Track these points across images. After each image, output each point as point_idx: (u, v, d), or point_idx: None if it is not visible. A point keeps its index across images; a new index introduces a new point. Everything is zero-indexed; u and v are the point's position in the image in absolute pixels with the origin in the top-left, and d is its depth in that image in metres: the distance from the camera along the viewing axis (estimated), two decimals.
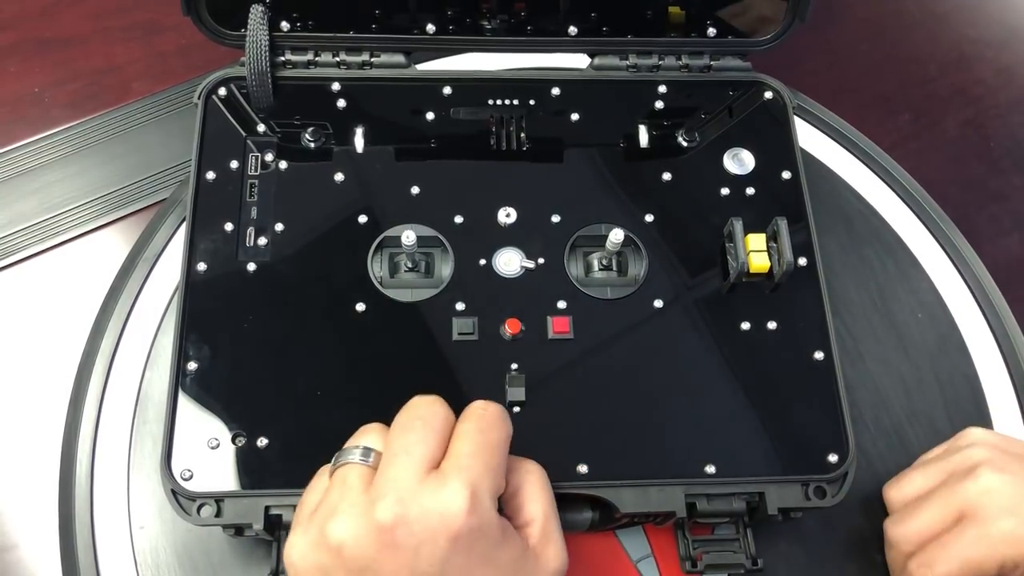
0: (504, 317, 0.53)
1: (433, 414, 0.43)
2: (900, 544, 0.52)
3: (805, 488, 0.50)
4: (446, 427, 0.43)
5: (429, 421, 0.42)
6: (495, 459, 0.42)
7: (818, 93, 0.70)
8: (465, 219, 0.55)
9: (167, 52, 0.70)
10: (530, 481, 0.45)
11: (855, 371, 0.60)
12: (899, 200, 0.67)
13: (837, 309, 0.60)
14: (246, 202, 0.55)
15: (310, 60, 0.59)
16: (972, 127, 0.73)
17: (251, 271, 0.53)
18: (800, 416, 0.52)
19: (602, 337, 0.53)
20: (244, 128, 0.57)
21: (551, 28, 0.60)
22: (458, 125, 0.59)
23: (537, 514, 0.44)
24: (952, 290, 0.64)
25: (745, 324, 0.54)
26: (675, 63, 0.61)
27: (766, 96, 0.61)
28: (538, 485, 0.45)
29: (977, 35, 0.78)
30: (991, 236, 0.68)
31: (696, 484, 0.50)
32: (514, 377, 0.51)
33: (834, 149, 0.69)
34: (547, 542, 0.43)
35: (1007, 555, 0.49)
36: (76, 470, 0.55)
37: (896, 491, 0.54)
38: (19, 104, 0.68)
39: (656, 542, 0.55)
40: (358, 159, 0.57)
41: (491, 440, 0.42)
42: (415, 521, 0.39)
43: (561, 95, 0.60)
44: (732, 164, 0.58)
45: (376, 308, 0.53)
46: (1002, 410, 0.61)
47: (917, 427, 0.59)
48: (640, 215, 0.56)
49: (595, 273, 0.55)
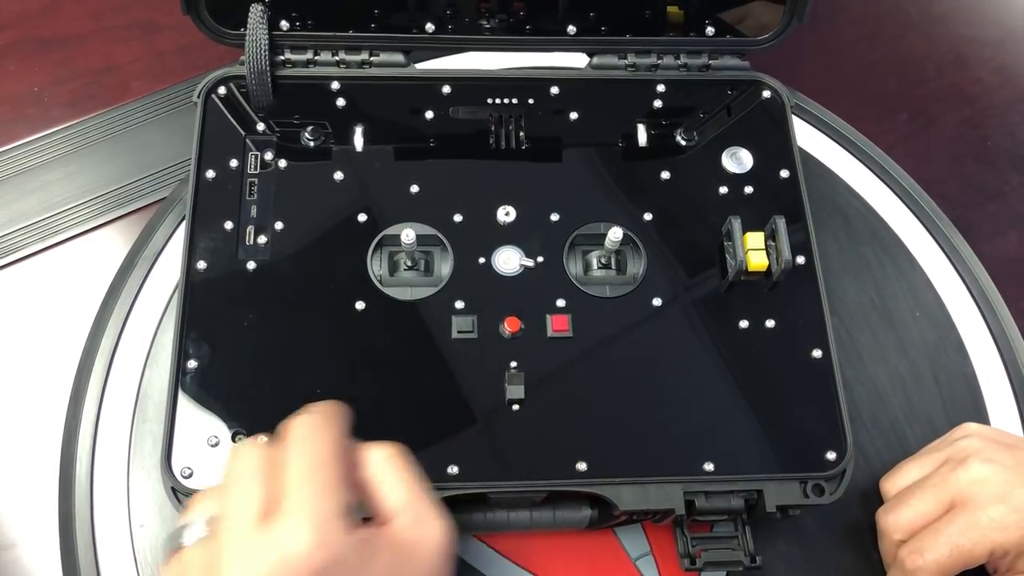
0: (503, 315, 0.53)
1: (252, 456, 0.40)
2: (892, 532, 0.52)
3: (803, 486, 0.50)
4: (273, 463, 0.39)
5: (250, 466, 0.39)
6: (329, 475, 0.39)
7: (816, 92, 0.70)
8: (464, 218, 0.55)
9: (166, 51, 0.70)
10: (383, 470, 0.42)
11: (853, 369, 0.60)
12: (897, 199, 0.67)
13: (835, 308, 0.60)
14: (246, 201, 0.55)
15: (309, 59, 0.59)
16: (970, 126, 0.73)
17: (251, 270, 0.53)
18: (798, 414, 0.52)
19: (601, 335, 0.53)
20: (244, 127, 0.57)
21: (550, 27, 0.60)
22: (457, 124, 0.59)
23: (400, 502, 0.41)
24: (950, 289, 0.64)
25: (743, 322, 0.54)
26: (674, 62, 0.61)
27: (764, 95, 0.61)
28: (392, 471, 0.42)
29: (974, 35, 0.78)
30: (989, 235, 0.68)
31: (695, 482, 0.50)
32: (513, 375, 0.51)
33: (832, 148, 0.69)
34: (420, 525, 0.41)
35: (996, 542, 0.49)
36: (76, 468, 0.55)
37: (891, 484, 0.55)
38: (19, 103, 0.68)
39: (655, 540, 0.55)
40: (357, 158, 0.57)
41: (320, 456, 0.39)
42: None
43: (560, 94, 0.60)
44: (731, 163, 0.58)
45: (375, 306, 0.53)
46: (999, 408, 0.61)
47: (915, 425, 0.59)
48: (639, 214, 0.57)
49: (594, 271, 0.55)
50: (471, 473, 0.49)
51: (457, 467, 0.49)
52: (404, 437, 0.49)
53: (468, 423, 0.50)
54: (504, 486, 0.49)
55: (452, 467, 0.49)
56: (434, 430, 0.50)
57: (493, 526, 0.52)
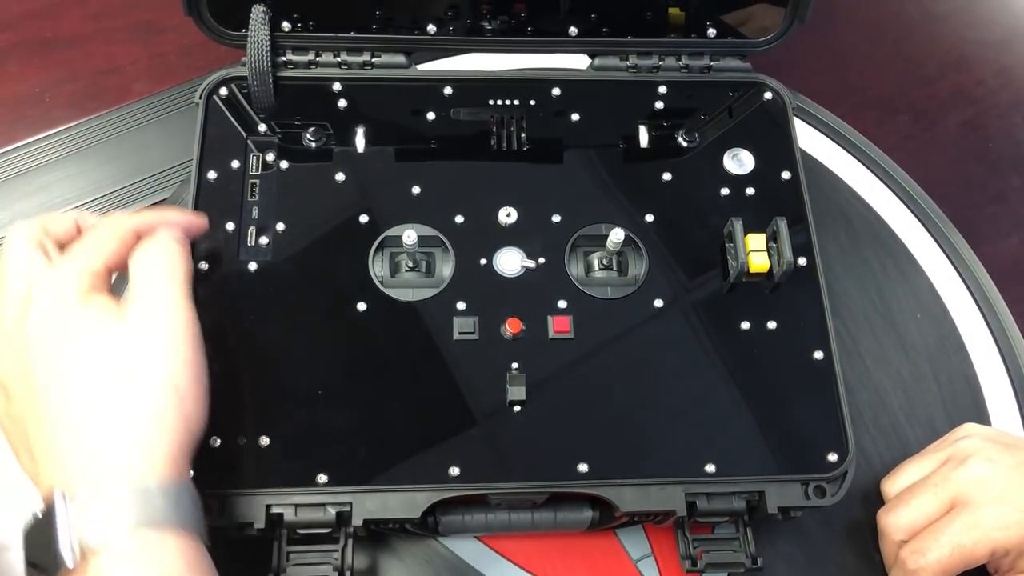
0: (505, 316, 0.53)
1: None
2: (893, 532, 0.52)
3: (805, 487, 0.50)
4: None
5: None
6: (95, 240, 0.46)
7: (818, 94, 0.70)
8: (466, 219, 0.55)
9: (168, 52, 0.70)
10: (141, 262, 0.46)
11: (854, 371, 0.60)
12: (898, 201, 0.67)
13: (836, 309, 0.60)
14: (247, 202, 0.55)
15: (311, 60, 0.59)
16: (971, 128, 0.73)
17: (252, 270, 0.53)
18: (799, 415, 0.52)
19: (602, 337, 0.53)
20: (245, 128, 0.57)
21: (551, 29, 0.60)
22: (459, 125, 0.59)
23: (140, 292, 0.45)
24: (951, 290, 0.64)
25: (745, 324, 0.54)
26: (675, 64, 0.61)
27: (766, 97, 0.61)
28: (148, 263, 0.46)
29: (976, 36, 0.78)
30: (990, 237, 0.68)
31: (696, 483, 0.50)
32: (515, 376, 0.51)
33: (834, 150, 0.69)
34: (146, 326, 0.44)
35: (998, 541, 0.49)
36: None
37: (891, 484, 0.55)
38: (20, 104, 0.68)
39: (656, 541, 0.55)
40: (359, 159, 0.57)
41: (100, 230, 0.46)
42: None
43: (561, 95, 0.60)
44: (732, 164, 0.58)
45: (377, 308, 0.53)
46: (1001, 410, 0.61)
47: (916, 427, 0.59)
48: (640, 215, 0.57)
49: (595, 273, 0.55)
50: (472, 474, 0.49)
51: (458, 468, 0.49)
52: (405, 438, 0.50)
53: (469, 424, 0.50)
54: (505, 487, 0.49)
55: (454, 468, 0.49)
56: (435, 431, 0.50)
57: (494, 527, 0.52)
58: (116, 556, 0.39)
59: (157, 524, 0.40)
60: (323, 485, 0.48)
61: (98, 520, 0.39)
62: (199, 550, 0.42)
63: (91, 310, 0.44)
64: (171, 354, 0.44)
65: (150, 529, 0.40)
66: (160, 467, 0.41)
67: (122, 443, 0.41)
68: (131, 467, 0.41)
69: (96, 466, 0.41)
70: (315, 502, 0.48)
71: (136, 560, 0.39)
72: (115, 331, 0.44)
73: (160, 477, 0.41)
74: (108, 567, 0.39)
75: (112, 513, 0.39)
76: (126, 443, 0.41)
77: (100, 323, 0.44)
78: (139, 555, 0.39)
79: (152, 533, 0.40)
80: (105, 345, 0.43)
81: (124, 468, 0.41)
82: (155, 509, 0.40)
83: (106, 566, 0.39)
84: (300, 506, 0.48)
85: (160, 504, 0.40)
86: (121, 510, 0.40)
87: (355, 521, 0.48)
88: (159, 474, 0.41)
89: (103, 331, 0.43)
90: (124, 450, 0.41)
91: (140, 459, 0.41)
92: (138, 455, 0.41)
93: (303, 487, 0.48)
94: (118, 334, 0.44)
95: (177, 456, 0.42)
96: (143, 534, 0.40)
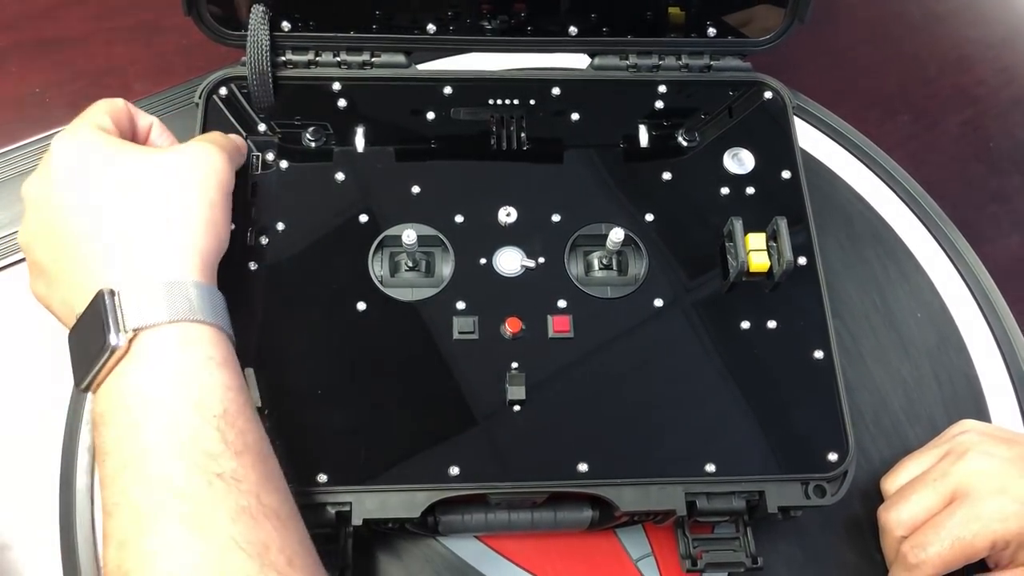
0: (504, 316, 0.53)
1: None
2: (893, 528, 0.52)
3: (805, 487, 0.50)
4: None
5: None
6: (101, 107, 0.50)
7: (818, 93, 0.70)
8: (465, 218, 0.55)
9: (168, 52, 0.70)
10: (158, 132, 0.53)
11: (855, 370, 0.60)
12: (899, 200, 0.67)
13: (837, 309, 0.60)
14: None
15: (311, 60, 0.59)
16: (972, 127, 0.73)
17: (252, 270, 0.53)
18: (800, 415, 0.52)
19: (602, 336, 0.53)
20: (245, 128, 0.57)
21: (551, 28, 0.60)
22: (458, 125, 0.59)
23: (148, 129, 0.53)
24: (952, 290, 0.64)
25: (745, 323, 0.54)
26: (675, 63, 0.61)
27: (766, 96, 0.61)
28: (199, 140, 0.50)
29: (977, 35, 0.78)
30: (991, 236, 0.68)
31: (696, 483, 0.50)
32: (514, 376, 0.51)
33: (834, 149, 0.69)
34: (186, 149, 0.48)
35: (998, 533, 0.50)
36: (77, 468, 0.55)
37: (891, 482, 0.55)
38: (20, 104, 0.68)
39: (656, 541, 0.55)
40: (359, 159, 0.57)
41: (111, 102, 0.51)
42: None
43: (561, 95, 0.60)
44: (732, 164, 0.58)
45: (377, 307, 0.53)
46: (1001, 409, 0.61)
47: (917, 426, 0.59)
48: (640, 214, 0.57)
49: (595, 272, 0.55)
50: (472, 474, 0.49)
51: (458, 468, 0.49)
52: (405, 438, 0.50)
53: (469, 424, 0.50)
54: (505, 487, 0.49)
55: (453, 468, 0.49)
56: (435, 431, 0.50)
57: (494, 527, 0.52)
58: (159, 337, 0.43)
59: (194, 312, 0.44)
60: (323, 485, 0.48)
61: (140, 307, 0.43)
62: (231, 347, 0.45)
63: (115, 141, 0.48)
64: (208, 171, 0.48)
65: (187, 319, 0.44)
66: (193, 269, 0.45)
67: (158, 246, 0.45)
68: (167, 265, 0.45)
69: (134, 266, 0.44)
70: (315, 502, 0.48)
71: (176, 340, 0.43)
72: (146, 153, 0.48)
73: (194, 277, 0.45)
74: (152, 347, 0.43)
75: (153, 300, 0.43)
76: (163, 246, 0.45)
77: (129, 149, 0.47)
78: (179, 335, 0.43)
79: (189, 322, 0.44)
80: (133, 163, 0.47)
81: (161, 266, 0.45)
82: (190, 301, 0.44)
83: (150, 346, 0.43)
84: (300, 505, 0.48)
85: (194, 297, 0.44)
86: (161, 298, 0.43)
87: (355, 521, 0.48)
88: (193, 275, 0.45)
89: (134, 152, 0.47)
90: (160, 252, 0.45)
91: (175, 259, 0.45)
92: (174, 256, 0.45)
93: (303, 487, 0.48)
94: (152, 154, 0.48)
95: (208, 263, 0.46)
96: (181, 322, 0.43)
